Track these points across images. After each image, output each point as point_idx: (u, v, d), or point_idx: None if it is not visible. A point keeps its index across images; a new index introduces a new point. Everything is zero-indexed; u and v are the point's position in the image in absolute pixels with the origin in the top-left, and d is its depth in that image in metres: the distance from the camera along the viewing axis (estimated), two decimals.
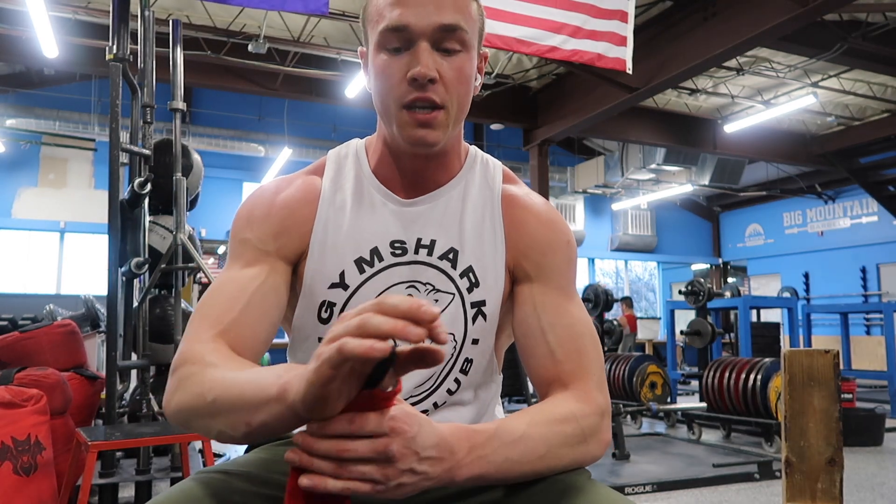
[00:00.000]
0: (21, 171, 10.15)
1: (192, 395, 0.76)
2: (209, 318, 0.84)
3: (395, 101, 0.84)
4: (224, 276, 0.90)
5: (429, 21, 0.82)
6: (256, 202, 0.93)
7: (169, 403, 0.79)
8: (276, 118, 10.48)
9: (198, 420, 0.76)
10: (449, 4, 0.83)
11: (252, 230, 0.91)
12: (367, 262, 0.91)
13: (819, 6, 5.34)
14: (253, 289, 0.87)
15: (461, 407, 0.95)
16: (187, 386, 0.77)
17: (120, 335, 2.69)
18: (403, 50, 0.84)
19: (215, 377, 0.75)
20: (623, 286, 14.73)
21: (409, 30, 0.82)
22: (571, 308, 0.90)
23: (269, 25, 6.93)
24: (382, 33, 0.84)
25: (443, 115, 0.85)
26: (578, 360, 0.86)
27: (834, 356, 1.13)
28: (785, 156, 10.69)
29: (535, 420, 0.77)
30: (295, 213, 0.92)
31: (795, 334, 6.55)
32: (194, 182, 3.28)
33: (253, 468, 0.84)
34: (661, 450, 4.56)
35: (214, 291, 0.88)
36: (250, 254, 0.90)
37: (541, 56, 4.47)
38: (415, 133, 0.84)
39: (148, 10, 3.04)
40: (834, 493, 1.10)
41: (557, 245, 0.93)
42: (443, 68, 0.84)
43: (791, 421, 1.13)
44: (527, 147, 9.14)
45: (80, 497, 1.93)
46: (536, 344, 0.88)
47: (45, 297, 7.36)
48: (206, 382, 0.75)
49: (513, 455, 0.73)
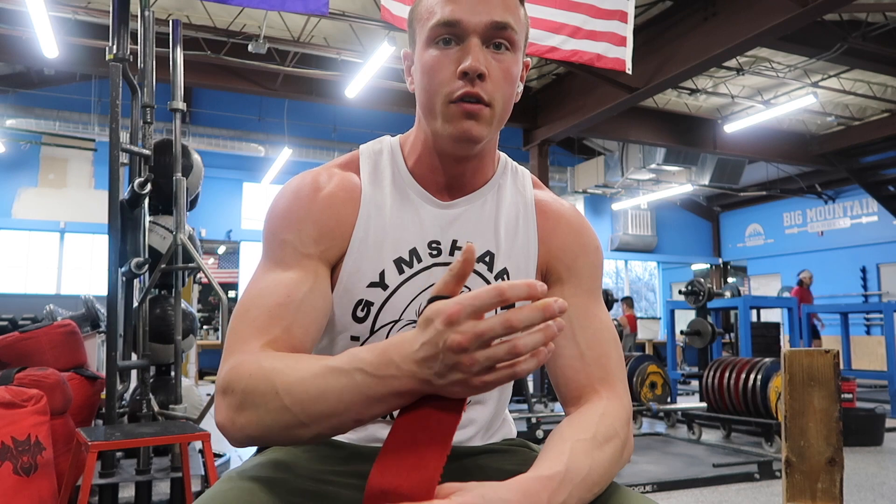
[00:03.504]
0: (21, 171, 10.15)
1: (269, 411, 0.71)
2: (255, 326, 0.80)
3: (444, 96, 0.85)
4: (266, 280, 0.85)
5: (480, 18, 0.83)
6: (294, 200, 0.89)
7: (233, 424, 0.74)
8: (276, 118, 10.48)
9: (284, 432, 0.72)
10: (500, 3, 0.84)
11: (292, 231, 0.87)
12: (407, 263, 0.91)
13: (819, 6, 5.34)
14: (301, 295, 0.83)
15: (481, 406, 0.96)
16: (256, 401, 0.72)
17: (120, 335, 2.69)
18: (454, 44, 0.85)
19: (288, 379, 0.71)
20: (623, 286, 14.73)
21: (460, 25, 0.83)
22: (598, 312, 0.93)
23: (269, 25, 6.93)
24: (434, 28, 0.85)
25: (488, 112, 0.85)
26: (606, 364, 0.88)
27: (834, 356, 1.13)
28: (785, 156, 10.69)
29: (589, 448, 0.76)
30: (338, 214, 0.89)
31: (795, 334, 6.55)
32: (194, 182, 3.28)
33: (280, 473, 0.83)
34: (661, 450, 4.56)
35: (257, 297, 0.83)
36: (291, 256, 0.86)
37: (540, 56, 4.47)
38: (461, 125, 0.84)
39: (148, 10, 3.04)
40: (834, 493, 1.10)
41: (588, 250, 0.96)
42: (491, 66, 0.84)
43: (791, 421, 1.13)
44: (527, 147, 9.14)
45: (80, 497, 1.93)
46: (566, 345, 0.89)
47: (45, 297, 7.35)
48: (281, 388, 0.71)
49: (583, 493, 0.72)
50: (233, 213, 11.29)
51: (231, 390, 0.75)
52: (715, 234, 15.22)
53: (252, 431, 0.73)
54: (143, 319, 2.93)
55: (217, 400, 0.77)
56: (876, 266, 12.02)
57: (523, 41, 0.90)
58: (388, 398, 0.66)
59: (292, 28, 7.19)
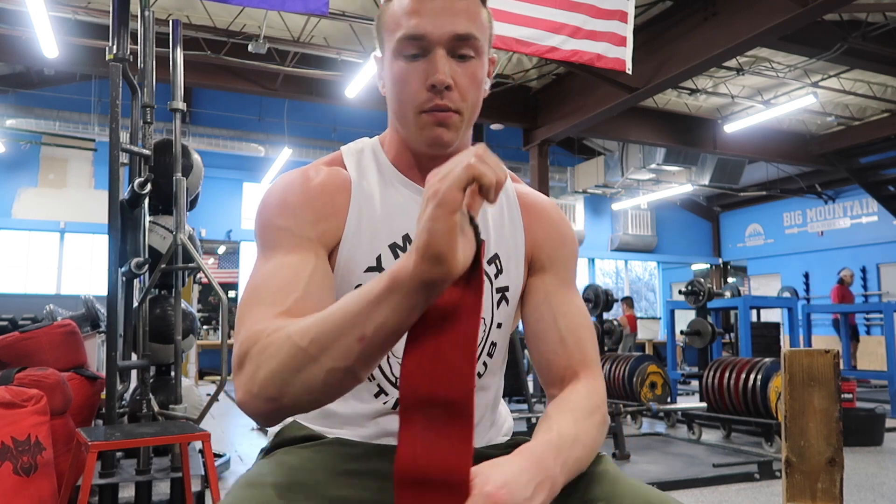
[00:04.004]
0: (21, 171, 10.15)
1: (282, 356, 0.71)
2: (266, 302, 0.80)
3: (415, 107, 0.89)
4: (269, 266, 0.85)
5: (444, 30, 0.86)
6: (288, 189, 0.91)
7: (252, 384, 0.72)
8: (276, 118, 10.48)
9: (298, 375, 0.71)
10: (463, 14, 0.88)
11: (289, 218, 0.88)
12: (401, 248, 0.93)
13: (819, 6, 5.34)
14: (308, 272, 0.85)
15: (482, 392, 0.98)
16: (272, 353, 0.72)
17: (120, 335, 2.69)
18: (420, 57, 0.88)
19: (302, 325, 0.72)
20: (623, 286, 14.72)
21: (426, 38, 0.87)
22: (575, 299, 0.99)
23: (269, 25, 6.92)
24: (400, 41, 0.88)
25: (458, 118, 0.89)
26: (584, 348, 0.95)
27: (834, 356, 1.13)
28: (785, 156, 10.69)
29: (577, 418, 0.84)
30: (334, 200, 0.92)
31: (795, 334, 6.55)
32: (194, 182, 3.28)
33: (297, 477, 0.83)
34: (661, 450, 4.56)
35: (262, 281, 0.84)
36: (290, 241, 0.87)
37: (540, 56, 4.47)
38: (432, 132, 0.89)
39: (148, 10, 3.04)
40: (834, 493, 1.10)
41: (567, 241, 1.03)
42: (457, 75, 0.88)
43: (791, 421, 1.13)
44: (527, 147, 9.14)
45: (80, 497, 1.93)
46: (548, 329, 0.95)
47: (45, 297, 7.36)
48: (295, 334, 0.71)
49: (580, 454, 0.80)
50: (233, 213, 11.29)
51: (247, 356, 0.74)
52: (715, 234, 15.22)
53: (271, 388, 0.71)
54: (143, 319, 2.92)
55: (235, 378, 0.75)
56: (876, 266, 12.02)
57: (487, 43, 0.93)
58: (385, 294, 0.66)
59: (292, 28, 7.19)
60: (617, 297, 8.76)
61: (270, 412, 0.74)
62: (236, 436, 5.13)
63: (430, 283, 0.65)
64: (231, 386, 8.80)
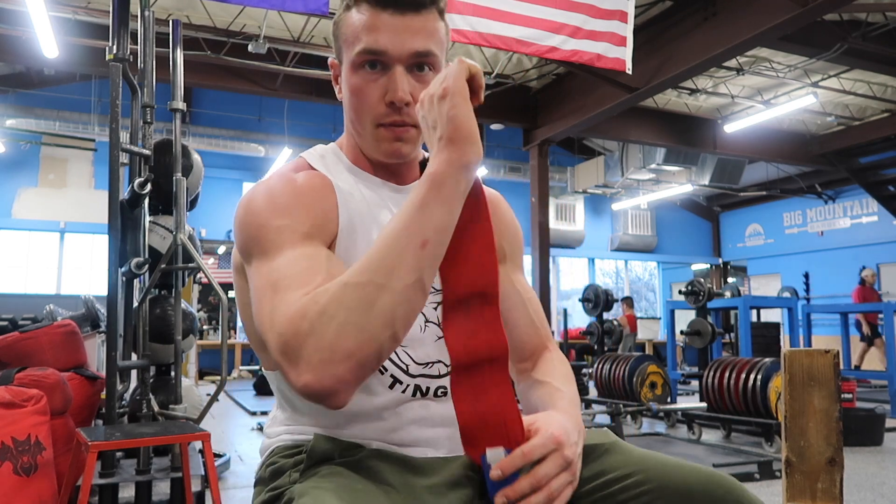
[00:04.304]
0: (21, 171, 10.15)
1: (348, 301, 0.70)
2: (293, 287, 0.76)
3: (372, 119, 0.92)
4: (280, 260, 0.81)
5: (404, 48, 0.89)
6: (273, 191, 0.89)
7: (322, 351, 0.69)
8: (276, 118, 10.48)
9: (372, 312, 0.70)
10: (422, 31, 0.89)
11: (284, 217, 0.85)
12: None
13: (819, 6, 5.34)
14: (324, 256, 0.83)
15: None
16: (333, 310, 0.70)
17: (120, 335, 2.68)
18: (379, 70, 0.90)
19: (351, 270, 0.72)
20: (623, 286, 14.72)
21: (385, 55, 0.89)
22: (526, 283, 1.09)
23: (269, 25, 6.92)
24: (360, 54, 0.90)
25: (415, 132, 0.93)
26: (545, 325, 1.07)
27: (834, 356, 1.13)
28: (785, 156, 10.69)
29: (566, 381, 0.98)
30: (323, 199, 0.91)
31: (795, 334, 6.55)
32: (194, 182, 3.28)
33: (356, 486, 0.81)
34: (661, 450, 4.56)
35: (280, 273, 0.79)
36: (293, 237, 0.84)
37: (540, 56, 4.47)
38: (391, 146, 0.93)
39: (148, 10, 3.04)
40: (834, 493, 1.10)
41: (518, 230, 1.12)
42: (416, 90, 0.90)
43: (791, 421, 1.13)
44: (527, 147, 9.14)
45: (80, 497, 1.93)
46: (521, 315, 1.03)
47: (45, 297, 7.36)
48: (350, 279, 0.71)
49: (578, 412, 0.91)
50: (232, 213, 11.19)
51: (301, 332, 0.70)
52: (715, 234, 15.22)
53: (346, 341, 0.69)
54: (143, 319, 2.92)
55: (292, 368, 0.71)
56: (876, 266, 12.01)
57: (444, 55, 0.96)
58: (432, 195, 0.73)
59: (292, 28, 7.19)
60: (617, 297, 8.76)
61: (349, 374, 0.70)
62: (236, 436, 5.13)
63: (468, 167, 0.74)
64: (231, 386, 8.80)
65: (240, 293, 0.97)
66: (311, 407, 0.92)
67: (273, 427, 0.99)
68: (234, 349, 10.59)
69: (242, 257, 0.89)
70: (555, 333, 11.09)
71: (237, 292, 0.98)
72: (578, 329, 10.89)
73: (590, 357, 9.93)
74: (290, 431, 0.95)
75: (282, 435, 0.96)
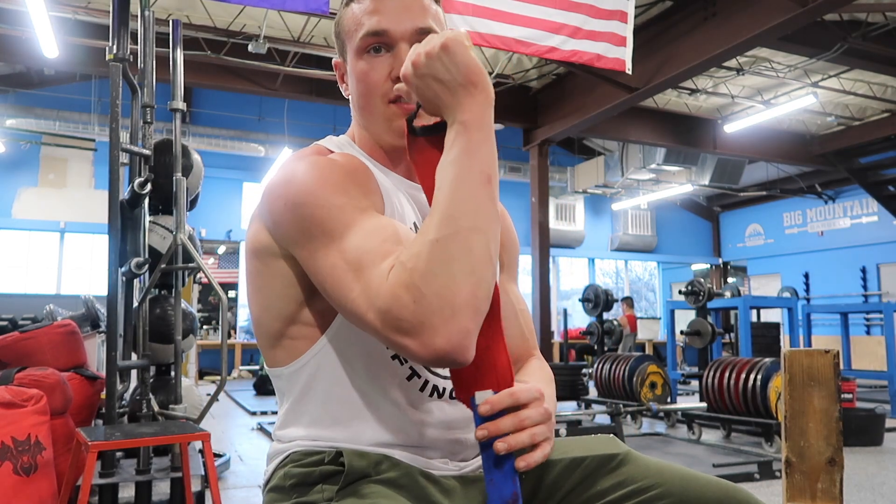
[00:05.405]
0: (21, 171, 10.15)
1: (438, 253, 0.71)
2: (377, 262, 0.75)
3: (381, 98, 0.93)
4: (353, 238, 0.79)
5: (406, 26, 0.92)
6: (321, 171, 0.86)
7: (429, 301, 0.69)
8: (276, 118, 10.48)
9: (474, 254, 0.72)
10: (420, 9, 0.94)
11: (341, 195, 0.83)
12: None
13: (819, 6, 5.34)
14: (393, 226, 0.82)
15: None
16: (423, 264, 0.71)
17: (120, 335, 2.69)
18: (384, 52, 0.93)
19: (426, 225, 0.74)
20: (623, 286, 14.72)
21: (388, 34, 0.92)
22: (520, 294, 1.12)
23: (269, 25, 6.92)
24: (364, 38, 0.93)
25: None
26: (533, 335, 1.10)
27: (834, 356, 1.13)
28: (785, 156, 10.69)
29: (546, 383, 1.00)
30: (368, 178, 0.91)
31: (795, 334, 6.55)
32: (194, 182, 3.28)
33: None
34: (661, 450, 4.56)
35: (361, 246, 0.78)
36: (355, 214, 0.82)
37: (540, 56, 4.47)
38: (401, 123, 0.91)
39: (148, 10, 3.04)
40: (834, 493, 1.10)
41: (517, 241, 1.14)
42: None
43: (791, 421, 1.13)
44: (527, 147, 9.14)
45: (80, 497, 1.93)
46: (512, 325, 1.04)
47: (45, 297, 7.35)
48: (427, 232, 0.73)
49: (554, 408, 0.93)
50: (233, 213, 11.29)
51: (410, 304, 0.70)
52: (715, 234, 15.22)
53: (463, 290, 0.71)
54: (143, 319, 2.92)
55: (405, 341, 0.71)
56: (876, 266, 12.02)
57: None
58: (476, 136, 0.78)
59: (292, 28, 7.19)
60: (617, 297, 8.77)
61: (472, 322, 0.72)
62: (236, 436, 5.13)
63: (493, 103, 0.82)
64: (231, 386, 8.80)
65: (255, 277, 0.92)
66: (328, 408, 0.90)
67: (285, 430, 0.94)
68: (234, 349, 10.59)
69: (288, 241, 0.85)
70: (555, 333, 11.09)
71: (251, 277, 0.93)
72: (578, 329, 10.89)
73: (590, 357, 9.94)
74: (306, 437, 0.92)
75: (296, 440, 0.92)
